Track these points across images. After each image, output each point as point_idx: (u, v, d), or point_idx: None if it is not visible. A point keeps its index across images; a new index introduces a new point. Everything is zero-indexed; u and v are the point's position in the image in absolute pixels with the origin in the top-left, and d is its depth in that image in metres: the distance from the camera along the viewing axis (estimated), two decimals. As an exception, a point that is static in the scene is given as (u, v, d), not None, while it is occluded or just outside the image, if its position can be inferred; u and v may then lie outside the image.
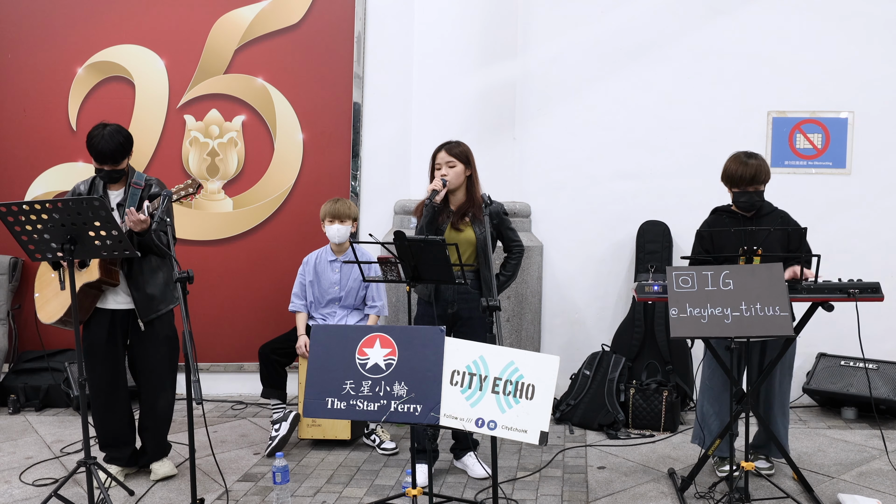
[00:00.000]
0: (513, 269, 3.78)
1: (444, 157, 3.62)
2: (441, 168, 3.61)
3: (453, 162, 3.60)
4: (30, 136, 5.27)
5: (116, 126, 3.49)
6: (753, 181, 3.48)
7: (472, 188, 3.67)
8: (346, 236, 4.24)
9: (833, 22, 4.94)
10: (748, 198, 3.51)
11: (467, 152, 3.66)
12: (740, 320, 3.02)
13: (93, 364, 3.59)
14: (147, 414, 3.72)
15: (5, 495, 3.54)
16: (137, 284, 3.55)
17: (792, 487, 3.54)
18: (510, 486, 3.63)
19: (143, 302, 3.57)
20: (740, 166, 3.50)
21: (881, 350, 4.72)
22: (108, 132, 3.44)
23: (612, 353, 4.78)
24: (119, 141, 3.45)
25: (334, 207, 4.25)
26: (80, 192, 3.59)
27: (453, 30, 4.86)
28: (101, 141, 3.42)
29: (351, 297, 4.30)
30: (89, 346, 3.59)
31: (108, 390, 3.63)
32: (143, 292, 3.56)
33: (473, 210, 3.62)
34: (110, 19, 5.22)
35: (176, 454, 3.96)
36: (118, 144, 3.44)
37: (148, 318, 3.58)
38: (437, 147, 3.67)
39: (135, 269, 3.55)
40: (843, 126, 4.98)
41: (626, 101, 5.10)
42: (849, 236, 4.91)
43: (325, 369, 2.72)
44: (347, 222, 4.25)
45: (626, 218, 5.09)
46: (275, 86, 5.19)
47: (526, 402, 2.57)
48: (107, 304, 3.59)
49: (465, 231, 3.63)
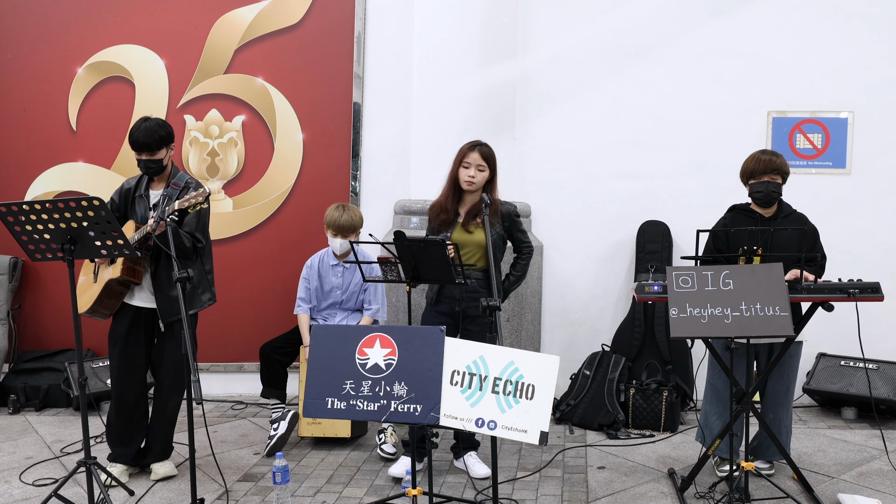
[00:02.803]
0: (522, 269, 3.79)
1: (476, 159, 3.57)
2: (470, 168, 3.57)
3: (484, 166, 3.57)
4: (30, 136, 5.27)
5: (159, 119, 3.60)
6: (768, 169, 3.47)
7: (492, 193, 3.64)
8: (348, 246, 4.21)
9: (833, 22, 4.94)
10: (764, 187, 3.48)
11: (495, 156, 3.64)
12: (740, 320, 3.02)
13: (112, 355, 3.70)
14: (157, 413, 3.76)
15: (5, 495, 3.54)
16: (161, 286, 3.57)
17: (792, 487, 3.55)
18: (510, 486, 3.63)
19: (165, 303, 3.58)
20: (759, 154, 3.52)
21: (881, 350, 4.72)
22: (148, 123, 3.54)
23: (612, 353, 4.78)
24: (154, 129, 3.52)
25: (338, 222, 4.17)
26: (126, 189, 3.69)
27: (453, 30, 4.86)
28: (138, 131, 3.51)
29: (352, 301, 4.30)
30: (111, 338, 3.70)
31: (122, 383, 3.68)
32: (165, 294, 3.57)
33: (491, 215, 3.58)
34: (110, 19, 5.21)
35: (176, 454, 3.95)
36: (153, 133, 3.51)
37: (168, 320, 3.59)
38: (470, 144, 3.62)
39: (160, 270, 3.57)
40: (843, 126, 4.98)
41: (626, 101, 5.10)
42: (849, 236, 4.91)
43: (325, 369, 2.72)
44: (351, 236, 4.22)
45: (626, 218, 5.10)
46: (275, 86, 5.19)
47: (526, 402, 2.57)
48: (133, 300, 3.66)
49: (476, 233, 3.62)
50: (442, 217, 3.65)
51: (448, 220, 3.64)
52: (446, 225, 3.63)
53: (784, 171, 3.50)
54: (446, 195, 3.66)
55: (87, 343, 5.12)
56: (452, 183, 3.64)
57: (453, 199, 3.64)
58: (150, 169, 3.59)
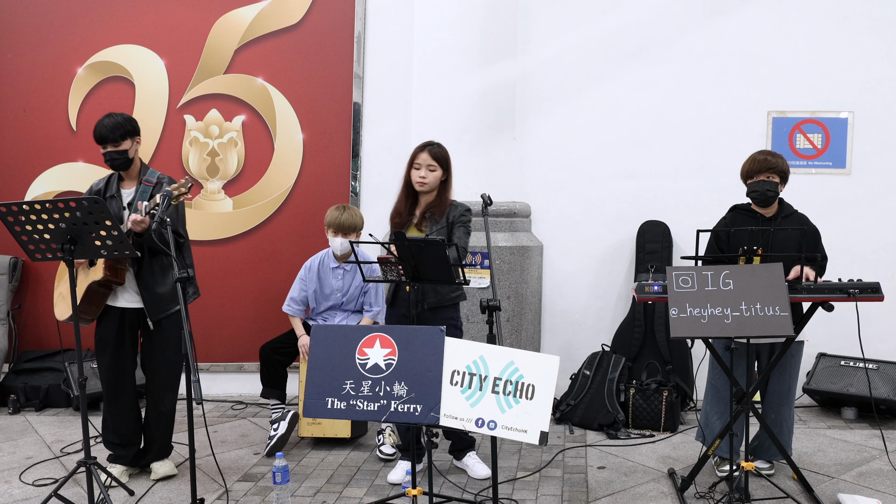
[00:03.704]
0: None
1: (425, 159, 3.56)
2: (420, 169, 3.56)
3: (434, 166, 3.56)
4: (30, 136, 5.27)
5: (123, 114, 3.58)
6: (763, 168, 3.47)
7: (445, 193, 3.62)
8: (348, 247, 4.21)
9: (833, 22, 4.94)
10: (759, 186, 3.48)
11: (447, 156, 3.62)
12: (740, 320, 3.02)
13: (101, 359, 3.67)
14: (152, 412, 3.74)
15: (5, 495, 3.54)
16: (146, 284, 3.56)
17: (792, 487, 3.55)
18: (510, 486, 3.63)
19: (152, 302, 3.57)
20: (753, 159, 3.52)
21: (881, 350, 4.72)
22: (110, 118, 3.52)
23: (612, 353, 4.78)
24: (117, 121, 3.50)
25: (339, 221, 4.17)
26: (96, 191, 3.62)
27: (453, 30, 4.86)
28: (100, 125, 3.49)
29: (352, 303, 4.30)
30: (99, 342, 3.67)
31: (114, 386, 3.66)
32: (151, 292, 3.56)
33: (434, 212, 3.59)
34: (110, 19, 5.22)
35: (176, 454, 3.95)
36: (116, 124, 3.49)
37: (156, 318, 3.59)
38: (419, 147, 3.61)
39: (144, 268, 3.56)
40: (843, 126, 4.98)
41: (626, 101, 5.10)
42: (849, 236, 4.91)
43: (325, 369, 2.72)
44: (352, 235, 4.23)
45: (626, 218, 5.10)
46: (275, 86, 5.19)
47: (526, 402, 2.57)
48: (117, 301, 3.62)
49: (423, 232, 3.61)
50: (397, 220, 3.65)
51: (402, 223, 3.63)
52: (402, 228, 3.61)
53: (781, 169, 3.50)
54: (401, 199, 3.65)
55: (86, 343, 5.11)
56: (406, 186, 3.63)
57: (407, 203, 3.62)
58: (116, 161, 3.53)
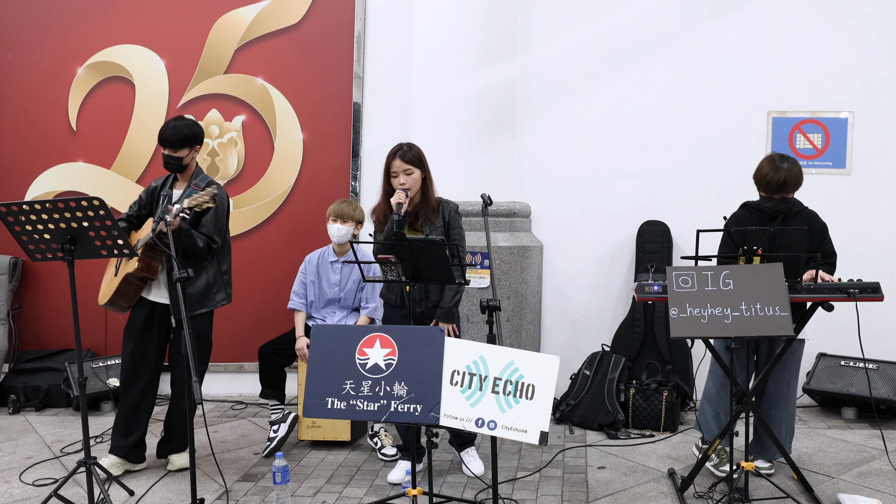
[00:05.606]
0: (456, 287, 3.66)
1: (399, 165, 3.54)
2: (398, 176, 3.55)
3: (410, 169, 3.55)
4: (30, 136, 5.27)
5: (190, 120, 3.70)
6: (781, 189, 3.47)
7: (427, 190, 3.62)
8: (346, 237, 4.23)
9: (833, 22, 4.94)
10: (774, 204, 3.52)
11: (420, 156, 3.61)
12: (740, 320, 3.02)
13: (125, 347, 3.76)
14: (174, 407, 3.83)
15: (5, 495, 3.54)
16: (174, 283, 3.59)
17: (792, 487, 3.55)
18: (510, 486, 3.63)
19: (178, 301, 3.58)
20: (772, 171, 3.48)
21: (881, 350, 4.72)
22: (178, 122, 3.66)
23: (612, 353, 4.78)
24: (180, 128, 3.63)
25: (339, 207, 4.24)
26: (153, 187, 3.81)
27: (453, 29, 4.86)
28: (166, 126, 3.64)
29: (350, 299, 4.30)
30: (126, 330, 3.77)
31: (130, 373, 3.74)
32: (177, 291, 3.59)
33: (426, 211, 3.59)
34: (110, 19, 5.22)
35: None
36: (178, 130, 3.62)
37: (179, 317, 3.61)
38: (390, 154, 3.60)
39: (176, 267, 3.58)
40: (843, 126, 4.98)
41: (626, 101, 5.10)
42: (849, 236, 4.89)
43: (325, 369, 2.72)
44: (350, 223, 4.23)
45: (626, 218, 5.10)
46: (275, 86, 5.19)
47: (526, 402, 2.57)
48: (150, 295, 3.72)
49: (419, 233, 3.61)
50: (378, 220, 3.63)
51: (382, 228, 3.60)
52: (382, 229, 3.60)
53: (797, 185, 3.50)
54: (381, 209, 3.62)
55: (86, 343, 5.12)
56: (386, 195, 3.61)
57: (389, 210, 3.57)
58: (170, 164, 3.69)
